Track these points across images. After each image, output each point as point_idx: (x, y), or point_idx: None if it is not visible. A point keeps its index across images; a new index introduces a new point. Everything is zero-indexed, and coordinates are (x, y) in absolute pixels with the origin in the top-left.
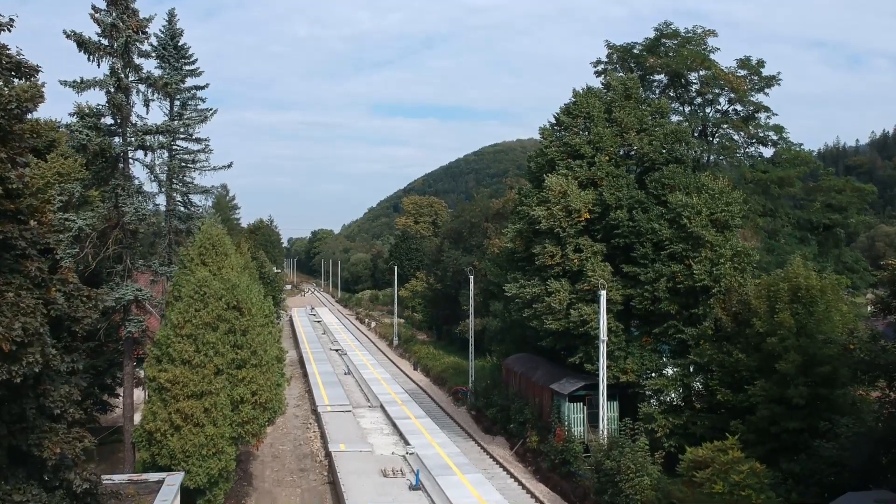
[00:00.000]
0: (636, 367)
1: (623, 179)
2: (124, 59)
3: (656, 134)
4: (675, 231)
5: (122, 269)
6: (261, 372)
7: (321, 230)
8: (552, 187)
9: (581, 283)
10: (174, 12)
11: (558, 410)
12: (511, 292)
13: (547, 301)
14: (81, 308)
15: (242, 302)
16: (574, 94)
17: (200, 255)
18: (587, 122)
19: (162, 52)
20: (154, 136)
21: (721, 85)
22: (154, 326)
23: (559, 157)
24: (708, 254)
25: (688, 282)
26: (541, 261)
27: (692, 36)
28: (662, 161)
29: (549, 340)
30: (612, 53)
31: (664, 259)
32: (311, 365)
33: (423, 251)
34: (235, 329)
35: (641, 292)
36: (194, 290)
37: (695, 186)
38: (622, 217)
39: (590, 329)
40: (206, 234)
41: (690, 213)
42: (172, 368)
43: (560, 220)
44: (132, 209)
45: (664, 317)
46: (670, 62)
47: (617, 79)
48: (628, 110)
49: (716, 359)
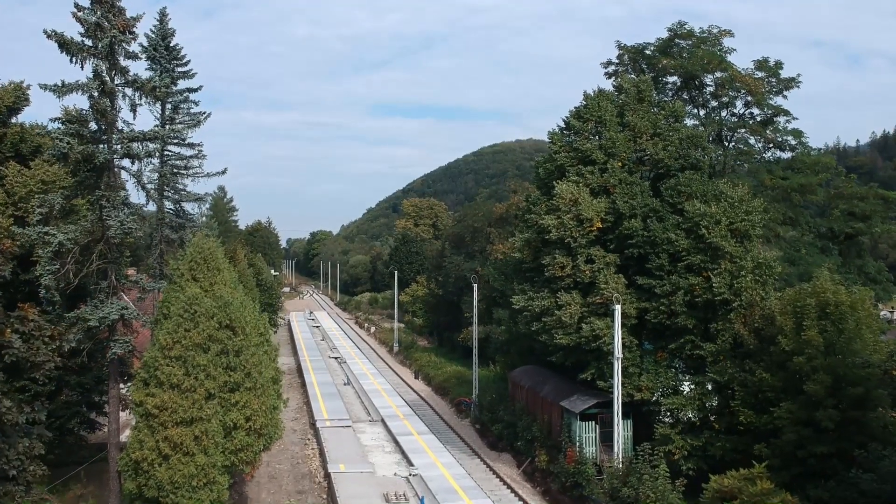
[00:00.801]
0: (651, 385)
1: (637, 187)
2: (109, 61)
3: (671, 139)
4: (692, 241)
5: (106, 286)
6: (255, 395)
7: (320, 231)
8: (563, 195)
9: (593, 296)
10: (165, 11)
11: (569, 429)
12: (519, 304)
13: (557, 314)
14: (42, 350)
15: (236, 320)
16: (585, 97)
17: (191, 270)
18: (599, 126)
19: (153, 54)
20: (141, 143)
21: (737, 87)
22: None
23: (569, 164)
24: (727, 266)
25: (706, 295)
26: (550, 272)
27: (707, 36)
28: (678, 167)
29: (559, 356)
30: (622, 54)
31: (681, 271)
32: (309, 375)
33: (423, 254)
34: (228, 350)
35: (657, 306)
36: (184, 308)
37: (712, 194)
38: (636, 226)
39: (602, 344)
40: (198, 248)
41: (709, 222)
42: (160, 393)
43: (571, 229)
44: (117, 222)
45: (680, 331)
46: (684, 63)
47: (629, 81)
48: (642, 114)
49: (737, 377)
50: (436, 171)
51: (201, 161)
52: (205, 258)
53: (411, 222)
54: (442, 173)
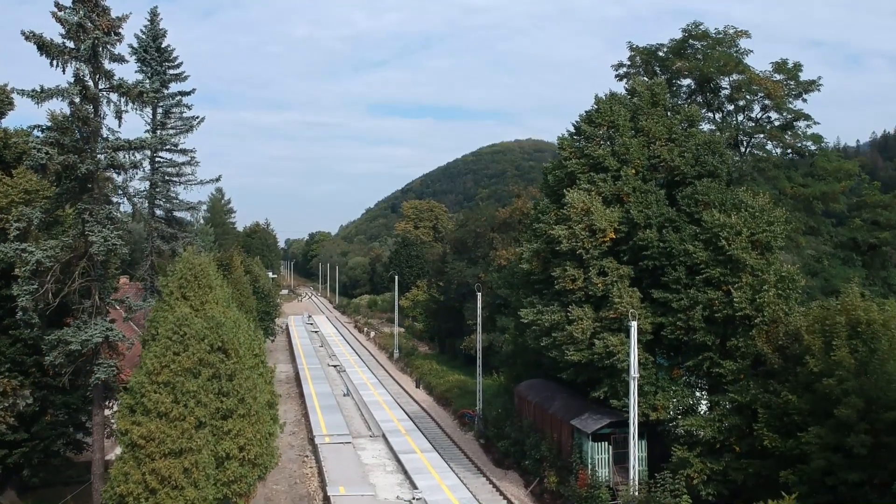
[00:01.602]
0: (668, 404)
1: (652, 195)
2: (93, 65)
3: (687, 145)
4: (711, 253)
5: (90, 306)
6: (250, 423)
7: (318, 232)
8: (574, 204)
9: (606, 311)
10: (157, 11)
11: (580, 450)
12: (527, 318)
13: (568, 330)
14: None
15: (228, 342)
16: (596, 101)
17: (181, 288)
18: (611, 131)
19: (143, 55)
20: (128, 152)
21: (754, 90)
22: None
23: (580, 171)
24: (749, 279)
25: (726, 310)
26: (561, 285)
27: (722, 37)
28: (694, 175)
29: (569, 373)
30: (634, 56)
31: (699, 284)
32: (307, 384)
33: (423, 258)
34: (220, 374)
35: (674, 321)
36: (172, 329)
37: (731, 203)
38: (652, 237)
39: (616, 362)
40: (188, 264)
41: (729, 233)
42: (147, 422)
43: (583, 240)
44: (100, 238)
45: (698, 348)
46: (700, 66)
47: (642, 84)
48: (656, 118)
49: (760, 398)
50: (435, 172)
51: (194, 168)
52: (195, 275)
53: (411, 224)
54: (441, 174)
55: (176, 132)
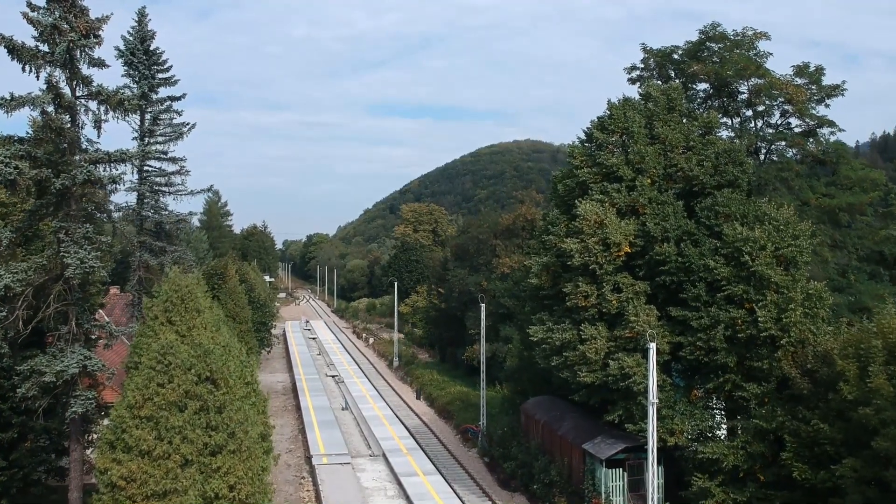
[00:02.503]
0: (686, 428)
1: (669, 207)
2: (69, 70)
3: (706, 153)
4: (733, 269)
5: (66, 333)
6: (240, 459)
7: (316, 234)
8: (587, 216)
9: (621, 330)
10: (145, 11)
11: (592, 476)
12: (537, 336)
13: (581, 349)
14: None
15: (217, 372)
16: (609, 107)
17: (166, 312)
18: (625, 138)
19: (129, 58)
20: (108, 165)
21: (774, 95)
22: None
23: (593, 180)
24: (774, 297)
25: (749, 330)
26: (572, 301)
27: (741, 39)
28: (713, 185)
29: (581, 394)
30: (647, 58)
31: (721, 302)
32: (304, 396)
33: (423, 262)
34: (209, 407)
35: (693, 340)
36: (156, 358)
37: (754, 215)
38: (670, 252)
39: (632, 384)
40: (174, 285)
41: (752, 248)
42: (128, 460)
43: (596, 254)
44: (76, 260)
45: (720, 369)
46: (717, 69)
47: (657, 88)
48: (672, 125)
49: (788, 425)
50: (433, 172)
51: (185, 177)
52: (182, 298)
53: (410, 228)
54: (439, 174)
55: (165, 139)
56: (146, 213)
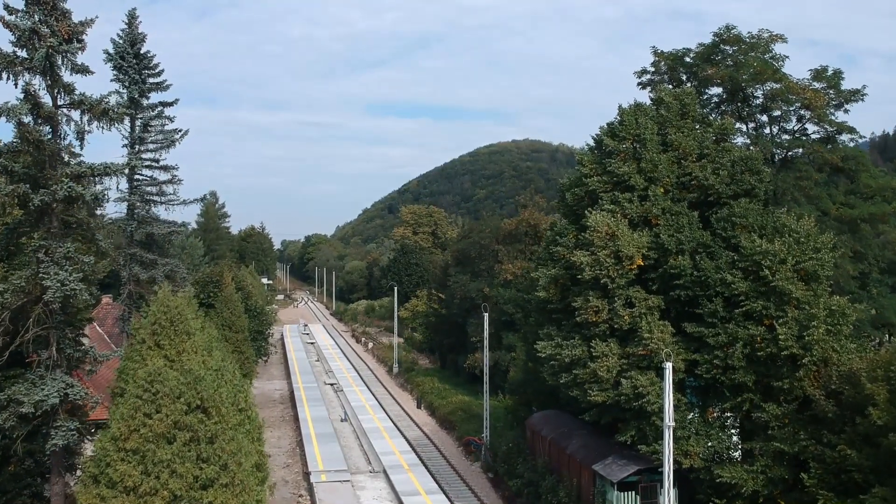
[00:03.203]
0: (702, 450)
1: (684, 218)
2: (50, 77)
3: (722, 161)
4: (751, 284)
5: (47, 358)
6: (233, 493)
7: (315, 235)
8: (598, 228)
9: (634, 346)
10: (135, 13)
11: (603, 499)
12: (545, 353)
13: (591, 367)
14: None
15: (209, 400)
16: (620, 112)
17: (154, 335)
18: (637, 146)
19: (119, 62)
20: (91, 179)
21: (791, 100)
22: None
23: (603, 189)
24: (795, 314)
25: (770, 348)
26: (583, 317)
27: (756, 41)
28: (729, 194)
29: (592, 413)
30: (658, 62)
31: (738, 318)
32: (303, 406)
33: (423, 266)
34: (199, 437)
35: (710, 358)
36: (143, 387)
37: (772, 227)
38: (684, 265)
39: (646, 404)
40: (163, 306)
41: (772, 261)
42: (112, 497)
43: (608, 268)
44: (56, 282)
45: (737, 389)
46: (732, 73)
47: (669, 93)
48: (686, 132)
49: (811, 450)
50: (432, 172)
51: (177, 186)
52: (171, 320)
53: (410, 230)
54: (438, 174)
55: (156, 147)
56: (136, 224)
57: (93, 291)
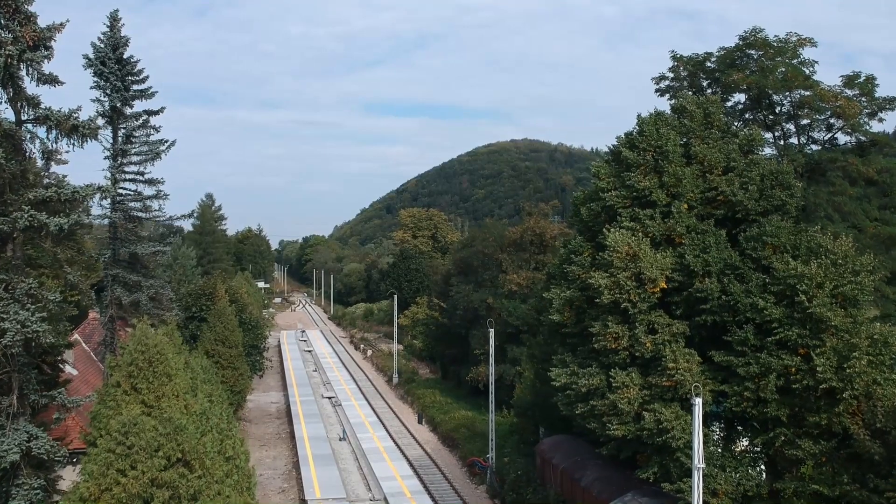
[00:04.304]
0: (731, 489)
1: (710, 237)
2: (13, 89)
3: (750, 175)
4: (785, 309)
5: (8, 406)
6: None
7: (313, 236)
8: (617, 248)
9: (657, 377)
10: (117, 14)
11: None
12: (559, 381)
13: (610, 399)
14: None
15: (191, 451)
16: (639, 122)
17: (130, 378)
18: (658, 158)
19: (100, 68)
20: (57, 206)
21: (822, 109)
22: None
23: (622, 205)
24: (834, 343)
25: (806, 380)
26: (601, 343)
27: (783, 46)
28: (759, 211)
29: (610, 447)
30: (677, 67)
31: (771, 347)
32: (299, 423)
33: (423, 271)
34: (181, 495)
35: (740, 390)
36: (116, 439)
37: (806, 247)
38: (712, 288)
39: (670, 439)
40: (140, 344)
41: (808, 286)
42: None
43: (629, 291)
44: (15, 324)
45: (769, 423)
46: (759, 79)
47: (692, 101)
48: (711, 143)
49: (856, 496)
50: (430, 172)
51: (162, 202)
52: (149, 360)
53: (409, 234)
54: (436, 174)
55: (140, 159)
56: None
57: (62, 328)
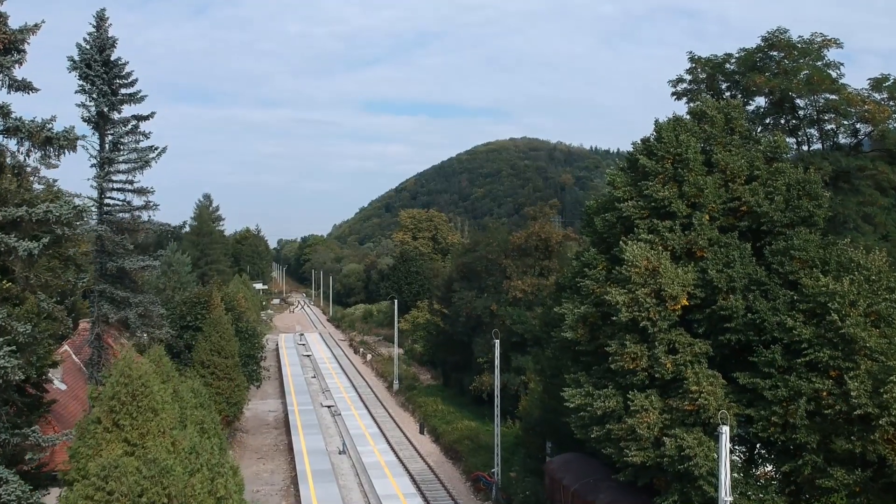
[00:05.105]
0: None
1: (734, 250)
2: None
3: (776, 184)
4: (815, 329)
5: None
6: None
7: (312, 236)
8: (636, 262)
9: (679, 400)
10: (104, 14)
11: None
12: (573, 402)
13: (629, 423)
14: None
15: (178, 496)
16: (657, 128)
17: (112, 414)
18: (678, 166)
19: (85, 71)
20: (29, 227)
21: (849, 113)
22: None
23: (639, 216)
24: (868, 365)
25: (838, 405)
26: (618, 364)
27: (808, 47)
28: (785, 222)
29: (627, 473)
30: (695, 69)
31: (801, 369)
32: (298, 434)
33: (423, 274)
34: None
35: (767, 415)
36: (95, 485)
37: (836, 262)
38: (737, 306)
39: (693, 467)
40: (123, 376)
41: (840, 304)
42: None
43: (648, 309)
44: None
45: (798, 449)
46: (783, 82)
47: (713, 105)
48: (734, 151)
49: None
50: (429, 171)
51: (152, 213)
52: (133, 394)
53: (409, 235)
54: (435, 173)
55: (129, 167)
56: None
57: (42, 350)
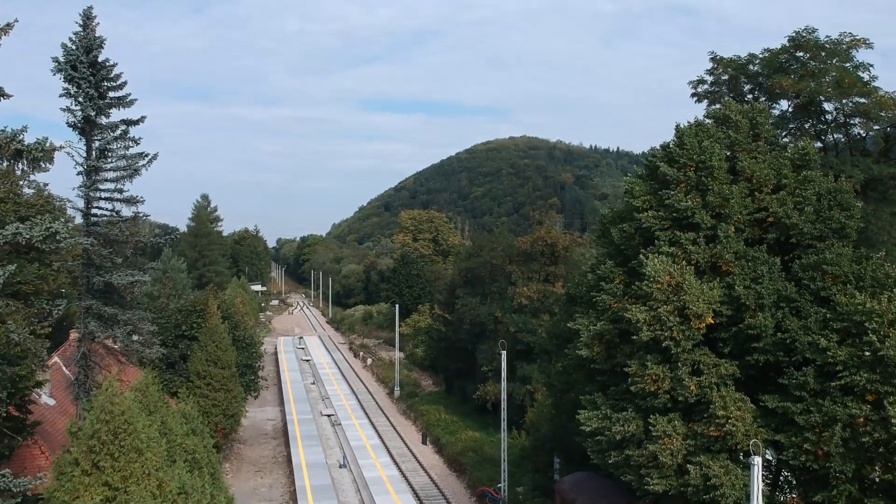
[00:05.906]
0: None
1: (763, 265)
2: None
3: (805, 194)
4: (852, 350)
5: None
6: None
7: (311, 236)
8: (658, 278)
9: (704, 425)
10: (91, 13)
11: None
12: (589, 426)
13: (650, 449)
14: None
15: None
16: (678, 133)
17: (91, 454)
18: (701, 175)
19: (70, 73)
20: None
21: (881, 118)
22: None
23: (660, 227)
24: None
25: (877, 433)
26: (638, 386)
27: (835, 48)
28: (815, 235)
29: (648, 502)
30: (717, 70)
31: (835, 393)
32: (297, 446)
33: (424, 276)
34: None
35: (799, 442)
36: None
37: (872, 277)
38: (766, 324)
39: (719, 497)
40: (104, 412)
41: (879, 323)
42: None
43: (672, 328)
44: None
45: (832, 478)
46: (811, 85)
47: (737, 109)
48: (761, 158)
49: None
50: (428, 170)
51: (141, 221)
52: (114, 432)
53: (410, 237)
54: (435, 171)
55: (117, 175)
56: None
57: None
